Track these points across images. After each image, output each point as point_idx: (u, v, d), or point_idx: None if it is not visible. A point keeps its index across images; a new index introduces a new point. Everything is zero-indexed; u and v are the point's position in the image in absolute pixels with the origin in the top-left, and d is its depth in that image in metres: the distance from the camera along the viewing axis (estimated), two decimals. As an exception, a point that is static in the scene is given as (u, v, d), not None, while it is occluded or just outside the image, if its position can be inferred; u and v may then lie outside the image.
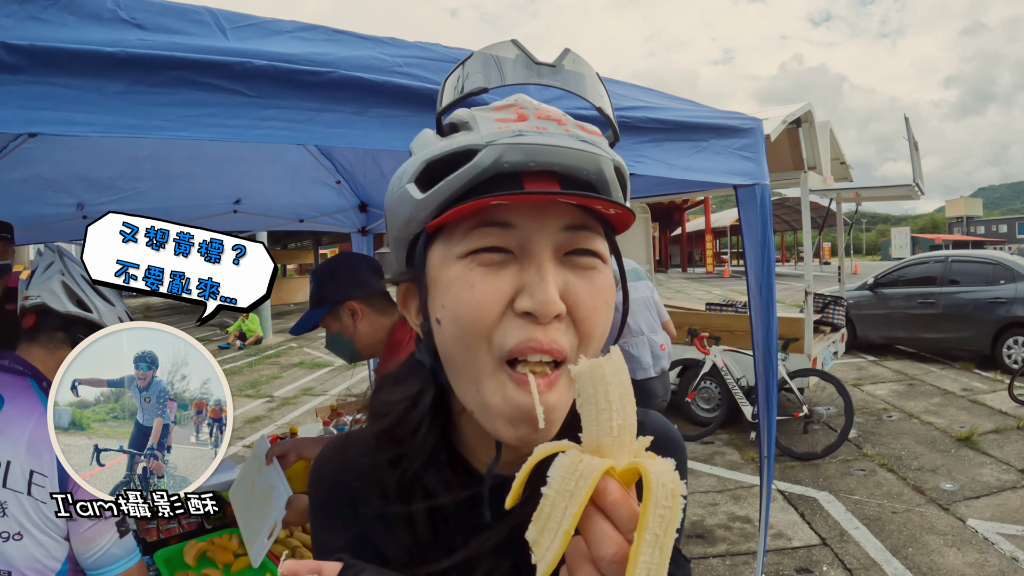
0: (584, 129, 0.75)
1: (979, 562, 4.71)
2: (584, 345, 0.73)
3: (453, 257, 0.73)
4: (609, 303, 0.76)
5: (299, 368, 13.22)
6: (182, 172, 3.90)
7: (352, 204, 5.10)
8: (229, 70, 1.49)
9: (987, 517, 5.44)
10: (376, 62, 1.73)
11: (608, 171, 0.73)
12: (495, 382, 0.72)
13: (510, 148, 0.69)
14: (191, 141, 3.43)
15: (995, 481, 6.22)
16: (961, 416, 8.22)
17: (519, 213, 0.71)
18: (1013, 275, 10.87)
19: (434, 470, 0.84)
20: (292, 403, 10.15)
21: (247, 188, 4.48)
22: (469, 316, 0.71)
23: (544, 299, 0.68)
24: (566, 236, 0.73)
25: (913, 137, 8.60)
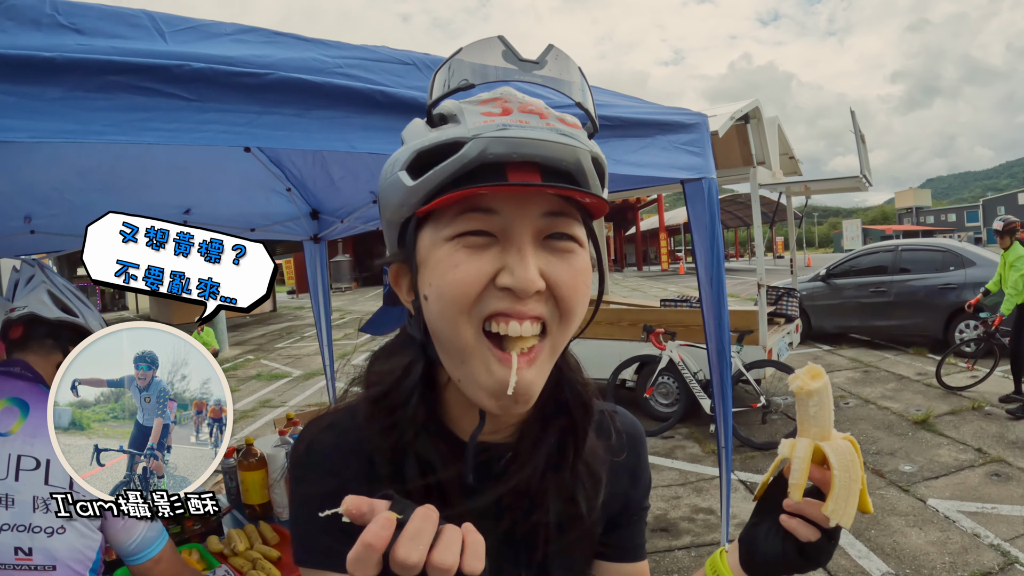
0: (564, 122, 0.79)
1: (941, 540, 4.81)
2: (565, 321, 0.80)
3: (441, 240, 0.78)
4: (587, 283, 0.82)
5: (256, 380, 13.07)
6: (130, 182, 3.81)
7: (303, 211, 5.06)
8: (168, 73, 1.49)
9: (947, 496, 5.56)
10: (317, 64, 1.73)
11: (586, 162, 0.78)
12: (479, 356, 0.78)
13: (494, 141, 0.74)
14: (139, 150, 3.38)
15: (953, 461, 6.36)
16: (917, 400, 8.39)
17: (502, 200, 0.76)
18: (962, 261, 11.16)
19: (423, 437, 0.88)
20: (251, 416, 10.02)
21: (197, 197, 4.40)
22: (453, 292, 0.76)
23: (524, 276, 0.74)
24: (545, 221, 0.78)
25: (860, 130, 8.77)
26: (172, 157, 3.67)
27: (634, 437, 1.09)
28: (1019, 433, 7.01)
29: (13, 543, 1.72)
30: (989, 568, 4.39)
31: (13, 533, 1.73)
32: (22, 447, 1.79)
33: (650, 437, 7.31)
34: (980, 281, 10.57)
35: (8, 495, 1.74)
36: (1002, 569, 4.37)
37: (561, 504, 0.93)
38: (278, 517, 3.03)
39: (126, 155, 3.43)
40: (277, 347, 18.44)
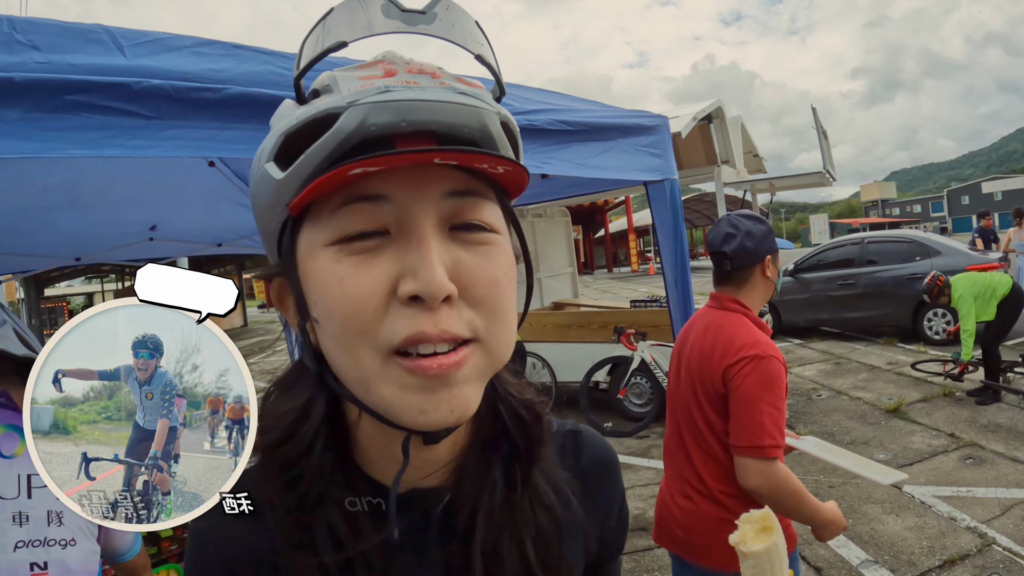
0: (463, 82, 0.64)
1: (918, 525, 4.86)
2: (491, 326, 0.64)
3: (319, 245, 0.63)
4: (510, 276, 0.67)
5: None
6: (95, 199, 3.76)
7: (271, 225, 5.04)
8: (127, 91, 1.48)
9: (922, 482, 5.62)
10: (275, 76, 1.74)
11: (493, 126, 0.63)
12: (387, 378, 0.62)
13: (375, 108, 0.58)
14: (103, 166, 3.34)
15: (926, 447, 6.44)
16: (888, 389, 8.48)
17: (392, 182, 0.61)
18: (928, 251, 11.34)
19: (336, 490, 0.72)
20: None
21: (163, 214, 4.35)
22: (342, 314, 0.61)
23: (429, 278, 0.59)
24: (450, 204, 0.63)
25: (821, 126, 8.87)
26: (137, 173, 3.62)
27: (604, 463, 0.90)
28: (990, 417, 7.11)
29: (29, 559, 1.74)
30: (967, 550, 4.44)
31: (28, 549, 1.74)
32: (31, 467, 1.83)
33: (625, 437, 7.34)
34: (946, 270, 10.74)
35: (22, 512, 1.75)
36: (980, 551, 4.42)
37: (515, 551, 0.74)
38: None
39: (90, 171, 3.39)
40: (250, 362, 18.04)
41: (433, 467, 0.75)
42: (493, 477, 0.75)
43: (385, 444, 0.72)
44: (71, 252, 4.72)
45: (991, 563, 4.23)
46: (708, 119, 7.57)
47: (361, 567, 0.70)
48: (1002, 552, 4.37)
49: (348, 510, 0.71)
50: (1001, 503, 5.14)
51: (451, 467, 0.76)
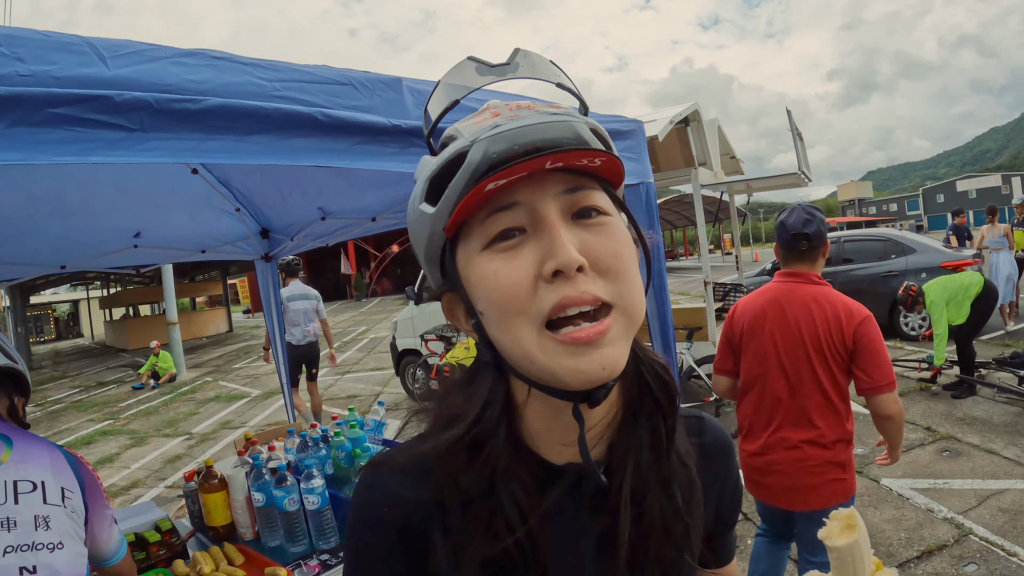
0: (554, 106, 0.80)
1: (896, 517, 4.92)
2: (622, 290, 0.76)
3: (475, 252, 0.77)
4: (628, 247, 0.79)
5: (216, 402, 12.92)
6: (80, 207, 3.79)
7: (253, 231, 5.07)
8: (109, 103, 1.50)
9: (899, 475, 5.69)
10: (255, 88, 1.76)
11: (585, 132, 0.77)
12: (545, 349, 0.74)
13: (493, 139, 0.73)
14: (87, 175, 3.38)
15: (903, 441, 6.48)
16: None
17: (519, 191, 0.75)
18: (903, 249, 11.50)
19: (514, 465, 0.84)
20: (211, 438, 9.91)
21: (147, 220, 4.38)
22: (501, 300, 0.75)
23: (563, 253, 0.71)
24: (567, 199, 0.77)
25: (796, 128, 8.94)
26: (121, 181, 3.65)
27: (723, 445, 1.03)
28: (966, 411, 7.22)
29: (18, 563, 1.77)
30: (944, 541, 4.50)
31: (17, 554, 1.77)
32: (16, 473, 1.86)
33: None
34: (921, 268, 10.89)
35: (10, 518, 1.79)
36: (957, 541, 4.48)
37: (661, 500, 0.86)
38: (242, 538, 3.03)
39: (75, 180, 3.42)
40: (235, 367, 18.23)
41: (593, 439, 0.85)
42: (640, 435, 0.86)
43: (549, 420, 0.85)
44: (56, 260, 4.73)
45: (968, 553, 4.29)
46: (685, 122, 7.63)
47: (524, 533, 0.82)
48: (979, 542, 4.44)
49: (522, 481, 0.83)
50: (977, 494, 5.21)
51: (604, 440, 0.88)
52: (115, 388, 17.17)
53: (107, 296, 37.89)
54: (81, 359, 28.60)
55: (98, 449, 10.10)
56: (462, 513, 0.83)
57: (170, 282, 18.08)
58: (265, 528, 2.90)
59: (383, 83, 2.12)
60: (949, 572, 4.10)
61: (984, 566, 4.15)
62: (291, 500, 2.77)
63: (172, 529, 3.07)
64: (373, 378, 13.65)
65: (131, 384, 16.73)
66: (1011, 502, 5.01)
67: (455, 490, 0.84)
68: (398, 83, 2.17)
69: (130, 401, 14.61)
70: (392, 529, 0.88)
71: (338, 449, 3.15)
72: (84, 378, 20.44)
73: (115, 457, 9.47)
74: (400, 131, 2.10)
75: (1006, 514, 4.83)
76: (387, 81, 2.14)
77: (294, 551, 2.80)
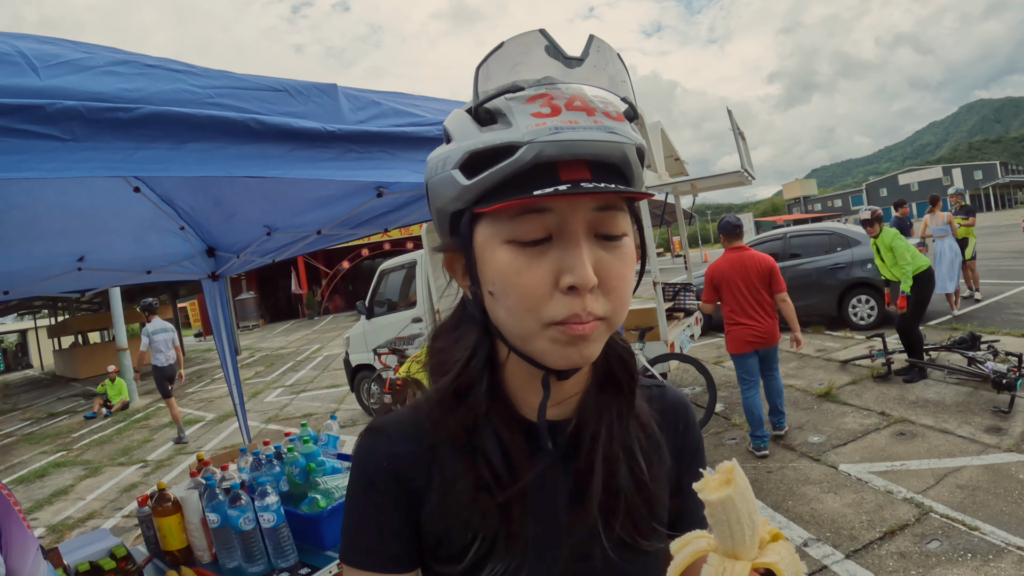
0: (609, 116, 0.82)
1: (856, 501, 5.03)
2: (617, 307, 0.84)
3: (499, 241, 0.82)
4: (631, 268, 0.87)
5: (170, 428, 12.67)
6: (20, 234, 3.70)
7: (199, 249, 4.98)
8: (41, 112, 1.48)
9: (856, 460, 5.83)
10: (188, 95, 1.74)
11: (631, 155, 0.83)
12: (543, 337, 0.83)
13: (548, 144, 0.77)
14: (29, 200, 3.30)
15: (858, 427, 6.69)
16: (819, 375, 8.75)
17: (556, 200, 0.79)
18: (848, 242, 11.77)
19: (493, 415, 0.94)
20: (167, 464, 9.73)
21: (89, 244, 4.29)
22: (520, 297, 0.81)
23: (583, 274, 0.78)
24: (596, 216, 0.82)
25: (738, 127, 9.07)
26: (64, 205, 3.59)
27: (684, 414, 1.13)
28: (918, 393, 7.41)
29: None
30: (906, 520, 4.61)
31: None
32: None
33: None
34: (867, 259, 11.13)
35: None
36: (918, 520, 4.59)
37: (627, 466, 0.97)
38: (199, 561, 2.98)
39: (16, 205, 3.34)
40: (188, 392, 17.93)
41: (562, 402, 0.97)
42: (606, 402, 0.98)
43: (527, 379, 0.95)
44: None
45: (930, 530, 4.39)
46: (628, 125, 7.71)
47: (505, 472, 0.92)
48: (940, 519, 4.55)
49: (501, 428, 0.94)
50: (935, 473, 5.35)
51: (575, 401, 0.99)
52: (67, 419, 16.78)
53: (55, 324, 37.04)
54: (31, 390, 27.94)
55: (52, 482, 9.86)
56: (450, 457, 0.94)
57: (118, 307, 17.74)
58: (222, 549, 2.85)
59: (318, 89, 2.11)
60: (913, 550, 4.18)
61: (947, 541, 4.25)
62: (246, 519, 2.73)
63: (128, 556, 3.01)
64: (328, 396, 13.56)
65: (83, 414, 16.38)
66: (968, 478, 5.15)
67: (444, 435, 0.95)
68: (334, 89, 2.15)
69: (83, 431, 14.28)
70: (387, 485, 0.97)
71: (292, 465, 3.11)
72: (35, 410, 19.96)
73: (70, 489, 9.24)
74: (335, 137, 2.08)
75: (964, 490, 4.96)
76: (322, 87, 2.13)
77: (252, 571, 2.75)
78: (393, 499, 0.96)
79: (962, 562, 3.98)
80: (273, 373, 18.73)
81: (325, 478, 3.02)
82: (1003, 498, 4.76)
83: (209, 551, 2.95)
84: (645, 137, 7.91)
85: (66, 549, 3.14)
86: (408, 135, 2.32)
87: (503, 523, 0.92)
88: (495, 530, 0.91)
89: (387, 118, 2.30)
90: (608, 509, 0.95)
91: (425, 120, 2.40)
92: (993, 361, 7.24)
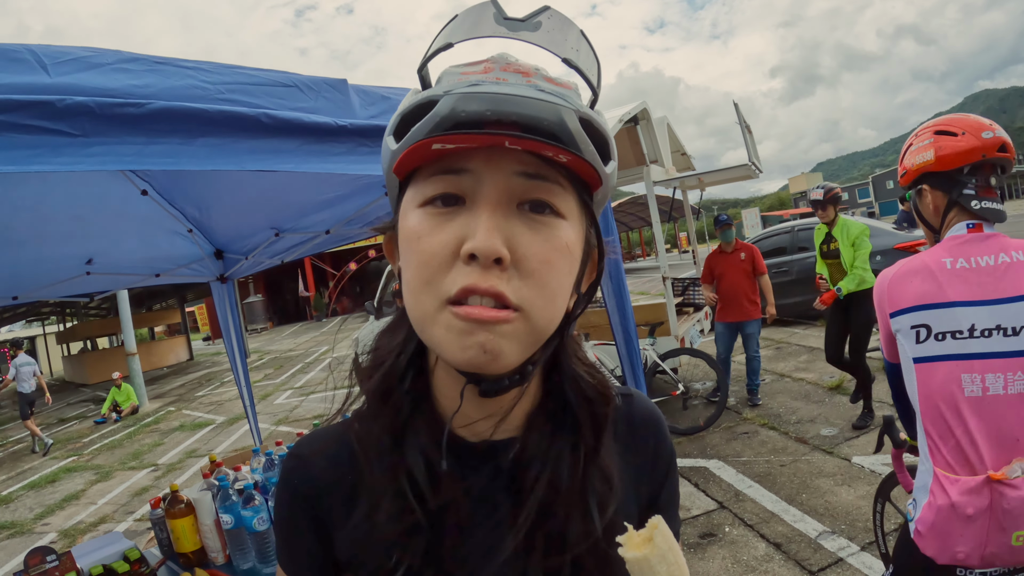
0: (552, 82, 0.74)
1: (870, 493, 4.90)
2: (535, 298, 0.72)
3: (413, 205, 0.75)
4: (565, 258, 0.75)
5: (180, 431, 12.74)
6: (30, 236, 3.71)
7: (207, 251, 4.98)
8: (51, 109, 1.47)
9: (869, 452, 5.80)
10: (199, 91, 1.73)
11: (571, 122, 0.70)
12: (439, 321, 0.72)
13: (464, 97, 0.68)
14: (36, 201, 3.30)
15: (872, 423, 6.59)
16: (829, 368, 8.68)
17: (473, 159, 0.72)
18: (856, 234, 11.66)
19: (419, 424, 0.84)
20: (178, 468, 9.76)
21: (98, 246, 4.30)
22: (418, 265, 0.73)
23: (484, 239, 0.68)
24: (520, 183, 0.72)
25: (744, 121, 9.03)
26: (71, 207, 3.58)
27: (655, 426, 1.01)
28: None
29: None
30: (919, 511, 4.58)
31: None
32: None
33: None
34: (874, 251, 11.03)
35: None
36: (931, 510, 4.56)
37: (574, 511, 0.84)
38: (213, 562, 2.97)
39: (23, 208, 3.34)
40: (198, 395, 17.98)
41: (502, 421, 0.84)
42: (559, 446, 0.85)
43: (453, 387, 0.82)
44: (7, 291, 4.64)
45: None
46: (634, 121, 7.68)
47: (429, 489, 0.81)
48: (951, 511, 4.50)
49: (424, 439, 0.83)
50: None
51: (522, 423, 0.86)
52: (77, 424, 16.83)
53: (64, 330, 37.13)
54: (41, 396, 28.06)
55: (63, 487, 9.89)
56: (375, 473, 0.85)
57: (127, 312, 17.77)
58: (236, 551, 2.84)
59: (329, 85, 2.10)
60: None
61: None
62: (260, 520, 2.72)
63: (141, 558, 3.00)
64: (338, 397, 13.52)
65: (93, 419, 16.43)
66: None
67: (369, 448, 0.86)
68: (344, 84, 2.15)
69: (93, 436, 14.34)
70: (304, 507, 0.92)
71: (306, 464, 3.10)
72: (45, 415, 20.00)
73: (81, 494, 9.28)
74: (346, 131, 2.07)
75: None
76: (333, 83, 2.12)
77: (267, 572, 2.74)
78: (310, 521, 0.92)
79: None
80: (282, 375, 18.75)
81: (338, 477, 3.02)
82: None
83: (223, 552, 2.95)
84: (651, 132, 7.89)
85: (79, 553, 3.13)
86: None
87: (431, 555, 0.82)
88: (419, 562, 0.82)
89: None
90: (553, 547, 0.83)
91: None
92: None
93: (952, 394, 1.89)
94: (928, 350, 1.95)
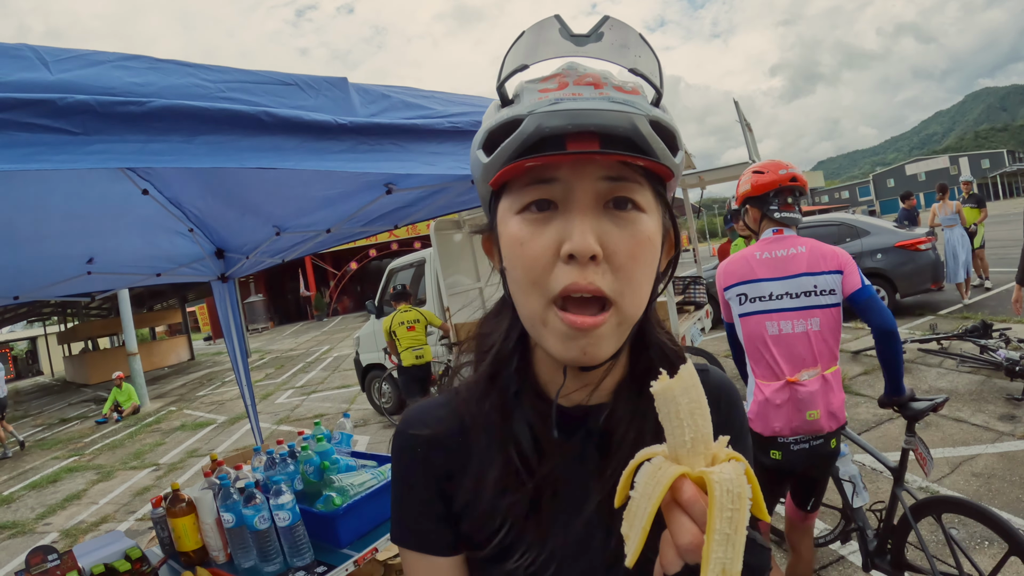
0: (621, 90, 0.81)
1: (872, 491, 4.98)
2: (625, 289, 0.81)
3: (511, 213, 0.84)
4: (648, 250, 0.83)
5: (181, 431, 12.75)
6: (31, 235, 3.71)
7: (208, 251, 4.97)
8: (52, 107, 1.47)
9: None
10: (199, 89, 1.73)
11: (643, 126, 0.79)
12: (547, 321, 0.82)
13: (547, 115, 0.78)
14: (37, 201, 3.31)
15: (872, 417, 6.64)
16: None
17: (561, 169, 0.80)
18: (857, 232, 11.67)
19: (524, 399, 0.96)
20: (179, 467, 9.77)
21: (99, 246, 4.30)
22: (524, 269, 0.82)
23: (580, 240, 0.77)
24: (606, 185, 0.80)
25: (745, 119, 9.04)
26: (71, 206, 3.59)
27: (727, 394, 1.08)
28: (931, 383, 7.38)
29: None
30: (923, 509, 4.58)
31: None
32: None
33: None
34: (876, 249, 11.06)
35: None
36: (935, 508, 4.56)
37: None
38: (215, 561, 2.97)
39: (23, 207, 3.34)
40: (199, 395, 17.99)
41: (597, 389, 0.95)
42: (644, 408, 0.91)
43: (554, 365, 0.94)
44: (8, 291, 4.64)
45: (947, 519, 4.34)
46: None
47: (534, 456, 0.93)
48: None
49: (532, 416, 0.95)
50: (950, 462, 5.33)
51: (611, 390, 0.96)
52: (79, 424, 16.86)
53: (65, 331, 37.18)
54: (42, 397, 28.06)
55: (65, 486, 9.91)
56: (483, 443, 0.96)
57: (127, 312, 17.78)
58: (237, 549, 2.84)
59: (329, 83, 2.10)
60: (930, 539, 4.14)
61: (964, 530, 4.25)
62: (261, 518, 2.72)
63: (143, 557, 3.01)
64: (339, 396, 13.58)
65: (95, 419, 16.46)
66: (983, 466, 5.14)
67: (477, 420, 0.97)
68: (344, 83, 2.15)
69: (95, 436, 14.36)
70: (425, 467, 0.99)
71: (306, 463, 3.11)
72: (46, 416, 20.05)
73: (82, 493, 9.29)
74: (346, 129, 2.07)
75: (979, 478, 4.95)
76: (333, 81, 2.12)
77: (268, 570, 2.74)
78: (433, 480, 0.99)
79: (979, 550, 3.98)
80: (284, 375, 18.77)
81: (340, 476, 3.02)
82: (1019, 485, 4.74)
83: (224, 551, 2.95)
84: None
85: (80, 552, 3.13)
86: (418, 127, 2.31)
87: (531, 511, 0.92)
88: (522, 518, 0.92)
89: (397, 111, 2.29)
90: None
91: (435, 113, 2.39)
92: (1005, 349, 7.21)
93: (762, 334, 3.06)
94: (746, 308, 3.11)
